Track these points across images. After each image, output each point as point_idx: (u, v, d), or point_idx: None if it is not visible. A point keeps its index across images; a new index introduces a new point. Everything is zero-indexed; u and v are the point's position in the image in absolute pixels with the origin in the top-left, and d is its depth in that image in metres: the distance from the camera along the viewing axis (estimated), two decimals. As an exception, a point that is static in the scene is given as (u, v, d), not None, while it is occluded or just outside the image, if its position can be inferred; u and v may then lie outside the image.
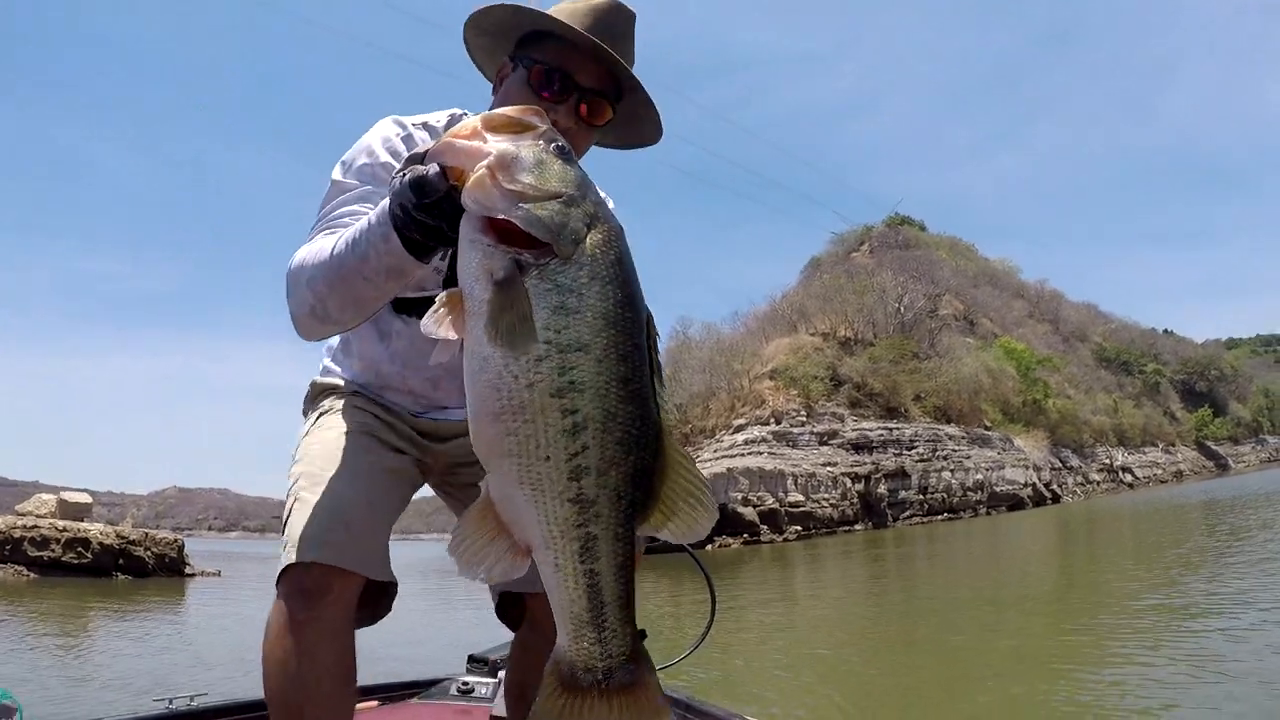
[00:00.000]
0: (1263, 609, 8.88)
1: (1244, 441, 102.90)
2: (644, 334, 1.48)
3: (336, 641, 2.04)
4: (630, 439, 1.41)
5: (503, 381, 1.37)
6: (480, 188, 1.41)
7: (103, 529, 26.36)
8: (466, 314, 1.42)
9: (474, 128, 1.51)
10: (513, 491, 1.41)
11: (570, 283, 1.41)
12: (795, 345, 57.52)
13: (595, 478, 1.39)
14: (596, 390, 1.39)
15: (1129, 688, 6.44)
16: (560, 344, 1.38)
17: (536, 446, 1.38)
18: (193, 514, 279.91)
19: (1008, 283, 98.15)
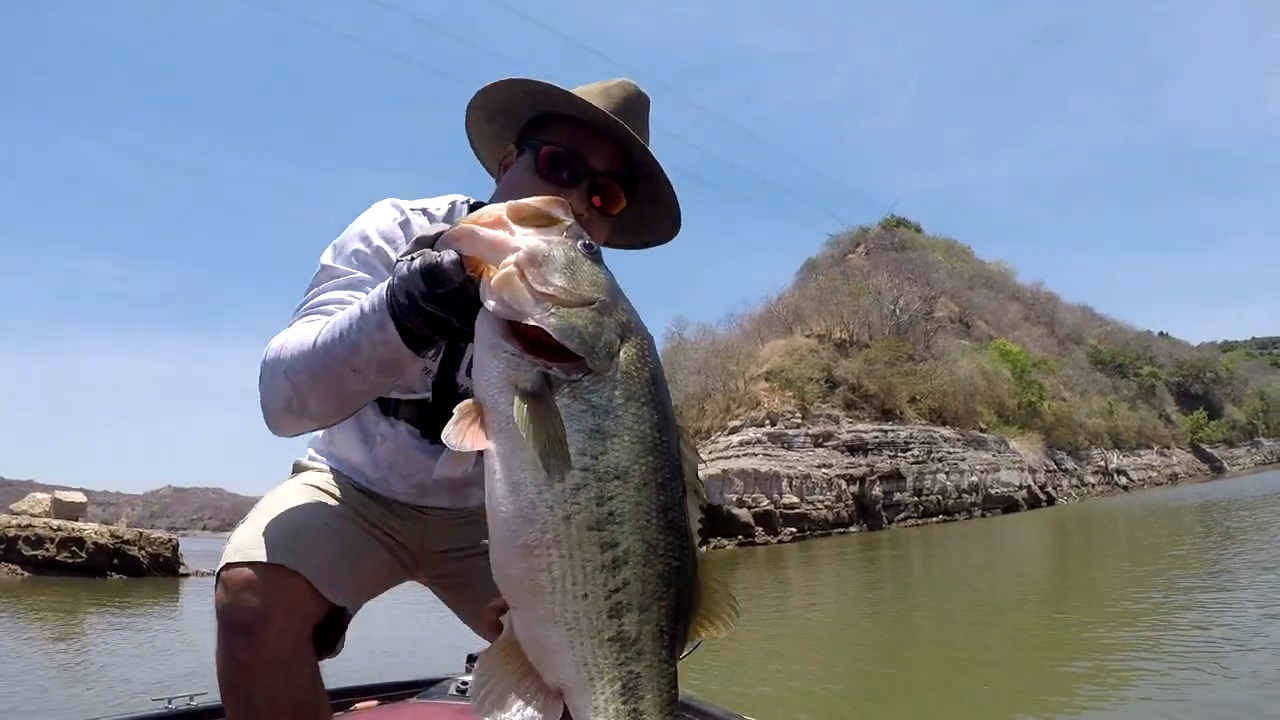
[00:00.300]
0: (1261, 610, 8.91)
1: (1239, 444, 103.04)
2: (679, 457, 1.38)
3: (286, 674, 1.88)
4: (672, 571, 1.33)
5: (536, 512, 1.27)
6: (508, 286, 1.31)
7: (97, 528, 26.33)
8: (489, 429, 1.32)
9: (498, 216, 1.40)
10: (544, 631, 1.30)
11: (605, 403, 1.32)
12: (790, 347, 57.54)
13: (638, 614, 1.30)
14: (637, 521, 1.30)
15: (1127, 688, 6.46)
16: (598, 471, 1.28)
17: (574, 583, 1.28)
18: (187, 514, 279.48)
19: (1003, 285, 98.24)
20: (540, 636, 1.31)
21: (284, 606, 1.86)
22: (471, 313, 1.43)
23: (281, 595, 1.86)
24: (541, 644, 1.31)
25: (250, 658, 1.82)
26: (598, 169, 2.17)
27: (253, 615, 1.82)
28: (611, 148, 2.18)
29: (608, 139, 2.16)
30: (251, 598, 1.83)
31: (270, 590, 1.85)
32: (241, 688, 1.85)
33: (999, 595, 14.25)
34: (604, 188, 2.19)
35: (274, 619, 1.83)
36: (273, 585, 1.85)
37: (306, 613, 1.92)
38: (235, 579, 1.86)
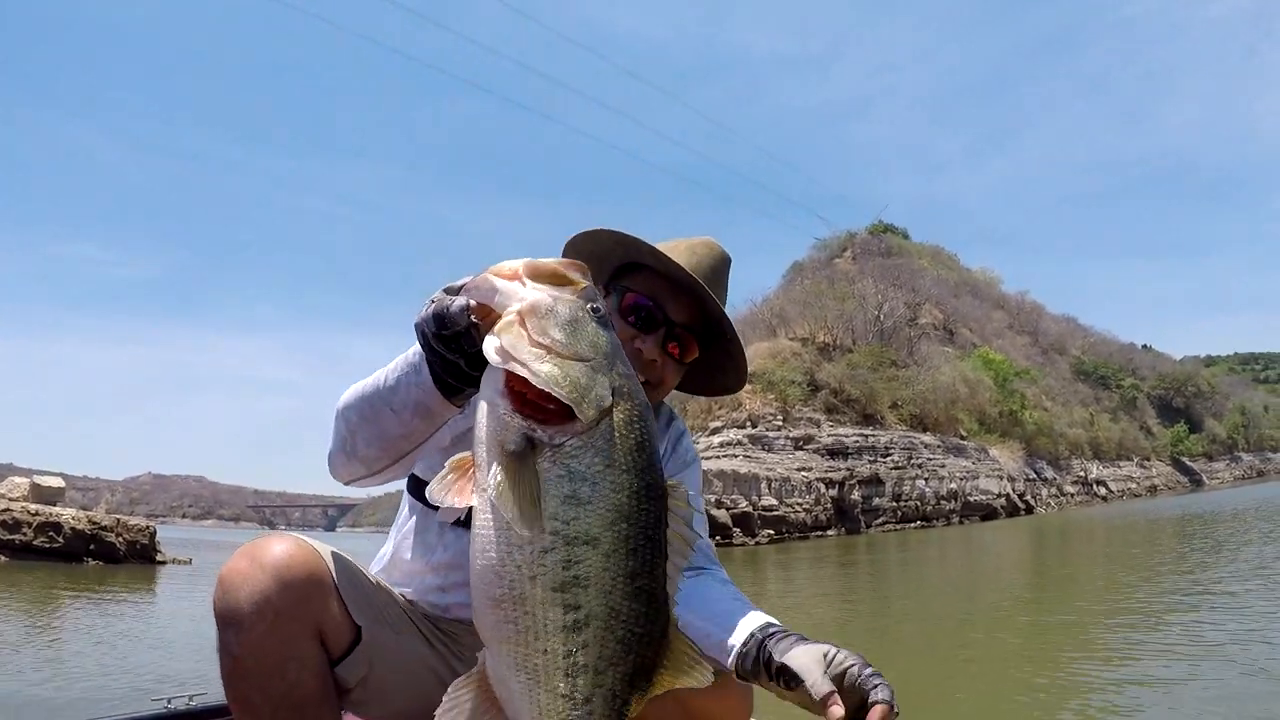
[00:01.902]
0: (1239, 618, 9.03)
1: (1219, 458, 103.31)
2: (660, 524, 1.40)
3: (281, 676, 1.90)
4: (633, 638, 1.36)
5: (505, 569, 1.32)
6: (507, 331, 1.35)
7: (75, 514, 26.14)
8: (476, 486, 1.37)
9: (515, 270, 1.43)
10: (508, 676, 1.37)
11: (585, 470, 1.33)
12: (774, 350, 57.49)
13: (592, 676, 1.34)
14: (602, 587, 1.33)
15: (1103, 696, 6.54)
16: (568, 536, 1.31)
17: (535, 638, 1.33)
18: (168, 501, 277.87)
19: (988, 293, 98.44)
20: (505, 680, 1.38)
21: (279, 604, 1.88)
22: (479, 359, 1.46)
23: (279, 594, 1.89)
24: (505, 687, 1.38)
25: (243, 653, 1.86)
26: (675, 320, 2.33)
27: (246, 609, 1.86)
28: (689, 301, 2.33)
29: (686, 293, 2.32)
30: (246, 591, 1.87)
31: (268, 586, 1.88)
32: (238, 685, 1.90)
33: (976, 599, 14.33)
34: (679, 337, 2.34)
35: (265, 615, 1.86)
36: (271, 582, 1.89)
37: (306, 613, 1.95)
38: (232, 573, 1.90)
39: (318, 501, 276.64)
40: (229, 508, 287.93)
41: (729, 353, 2.47)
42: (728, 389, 2.62)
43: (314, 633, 1.96)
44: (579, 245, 2.41)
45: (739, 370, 2.52)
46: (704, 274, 2.31)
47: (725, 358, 2.49)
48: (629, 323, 2.30)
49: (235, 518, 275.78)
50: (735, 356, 2.48)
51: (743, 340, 2.46)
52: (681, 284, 2.30)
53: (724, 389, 2.62)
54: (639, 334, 2.29)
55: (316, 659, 1.97)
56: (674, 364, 2.36)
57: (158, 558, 27.31)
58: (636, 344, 2.28)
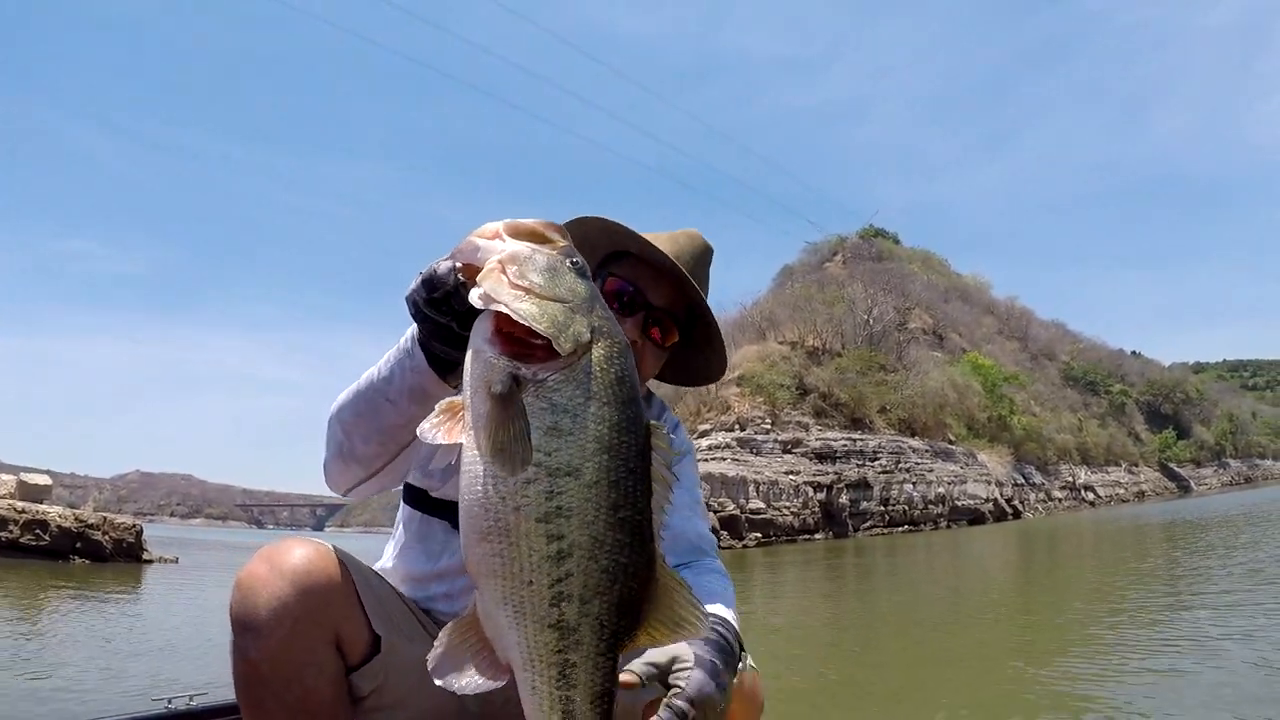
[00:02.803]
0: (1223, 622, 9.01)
1: (1206, 464, 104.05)
2: (643, 457, 1.42)
3: (299, 682, 1.90)
4: (617, 567, 1.38)
5: (490, 502, 1.34)
6: (489, 277, 1.40)
7: (61, 512, 26.08)
8: (465, 426, 1.39)
9: (496, 230, 1.49)
10: (495, 611, 1.38)
11: (566, 402, 1.37)
12: (763, 353, 57.58)
13: (578, 605, 1.36)
14: (584, 517, 1.35)
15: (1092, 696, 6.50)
16: (550, 467, 1.34)
17: (520, 570, 1.35)
18: (155, 499, 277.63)
19: (978, 299, 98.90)
20: (493, 615, 1.38)
21: (299, 610, 1.87)
22: (469, 318, 1.49)
23: (299, 600, 1.88)
24: (494, 622, 1.39)
25: (260, 658, 1.84)
26: (655, 304, 2.39)
27: (265, 614, 1.84)
28: (669, 288, 2.41)
29: (667, 279, 2.40)
30: (266, 596, 1.85)
31: (286, 593, 1.87)
32: (253, 690, 1.88)
33: (963, 601, 14.31)
34: (660, 321, 2.40)
35: (284, 621, 1.85)
36: (290, 588, 1.87)
37: (326, 620, 1.93)
38: (252, 577, 1.88)
39: (306, 501, 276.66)
40: (217, 506, 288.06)
41: (709, 340, 2.53)
42: (709, 377, 2.67)
43: (332, 640, 1.95)
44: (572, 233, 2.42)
45: (719, 358, 2.58)
46: (685, 262, 2.38)
47: (705, 345, 2.55)
48: (611, 307, 2.23)
49: (223, 517, 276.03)
50: (715, 344, 2.53)
51: (732, 343, 2.46)
52: (663, 270, 2.38)
53: (705, 377, 2.67)
54: (620, 316, 2.28)
55: (333, 666, 1.96)
56: (654, 347, 2.40)
57: (144, 556, 27.24)
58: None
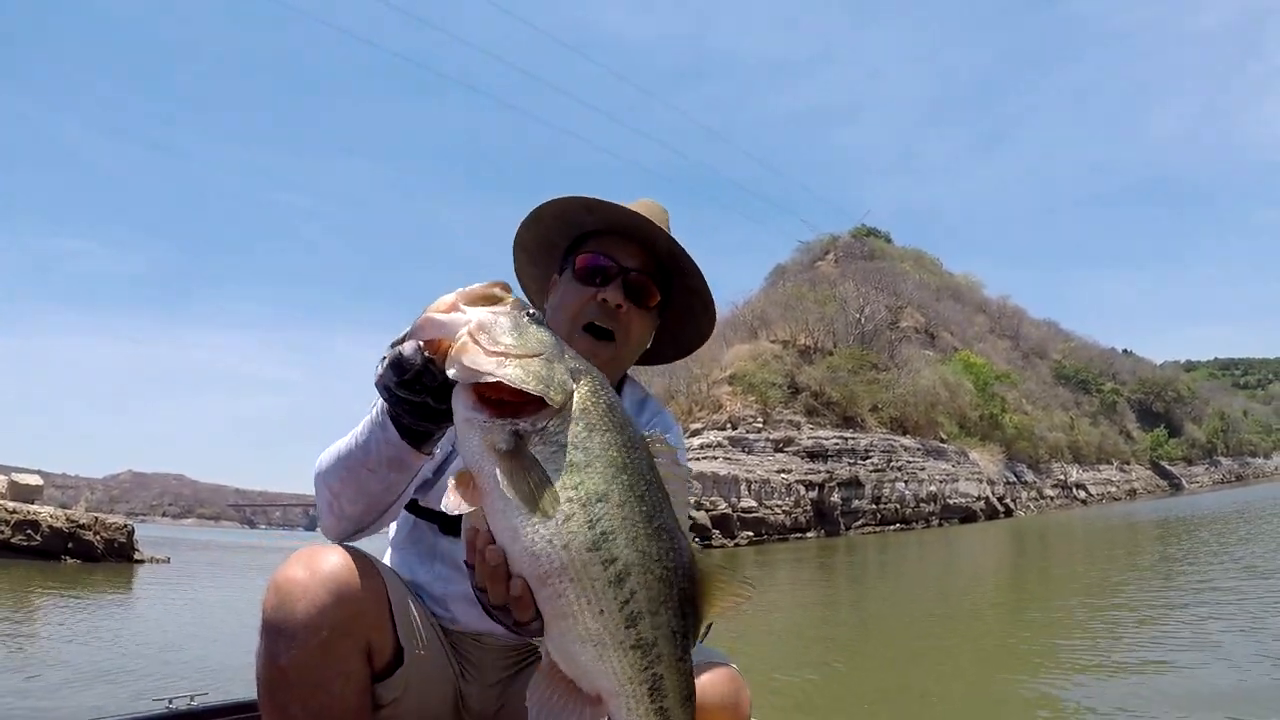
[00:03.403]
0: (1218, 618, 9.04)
1: (1198, 462, 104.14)
2: (653, 468, 1.49)
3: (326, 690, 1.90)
4: (669, 573, 1.43)
5: (537, 548, 1.38)
6: (465, 352, 1.42)
7: (53, 512, 25.97)
8: (481, 492, 1.42)
9: (450, 302, 1.51)
10: (576, 650, 1.42)
11: (573, 439, 1.42)
12: (755, 352, 57.51)
13: (649, 620, 1.41)
14: (628, 534, 1.41)
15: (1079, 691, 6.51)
16: (580, 499, 1.39)
17: (589, 602, 1.39)
18: (148, 499, 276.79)
19: (970, 297, 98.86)
20: (574, 655, 1.43)
21: (336, 618, 1.88)
22: (442, 391, 1.58)
23: (337, 608, 1.88)
24: (576, 662, 1.43)
25: (290, 665, 1.84)
26: (629, 265, 2.38)
27: (301, 621, 1.84)
28: (637, 247, 2.41)
29: (633, 240, 2.41)
30: (304, 603, 1.86)
31: (325, 600, 1.87)
32: (279, 695, 1.87)
33: (955, 599, 14.35)
34: (635, 282, 2.39)
35: (323, 628, 1.86)
36: (328, 596, 1.88)
37: (360, 629, 1.94)
38: (289, 582, 1.89)
39: (299, 501, 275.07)
40: (210, 507, 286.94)
41: (694, 289, 2.51)
42: (702, 335, 2.66)
43: (364, 649, 1.97)
44: (526, 242, 2.57)
45: (709, 310, 2.57)
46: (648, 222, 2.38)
47: (692, 296, 2.53)
48: (587, 283, 2.36)
49: (216, 516, 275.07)
50: (701, 294, 2.51)
51: (724, 342, 2.47)
52: (628, 232, 2.39)
53: (698, 335, 2.67)
54: (599, 288, 2.34)
55: (362, 675, 1.98)
56: (638, 311, 2.39)
57: (135, 556, 27.13)
58: (600, 296, 2.34)
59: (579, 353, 2.14)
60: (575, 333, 2.36)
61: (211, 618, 13.25)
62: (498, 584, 1.45)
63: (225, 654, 9.44)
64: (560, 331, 2.28)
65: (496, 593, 1.46)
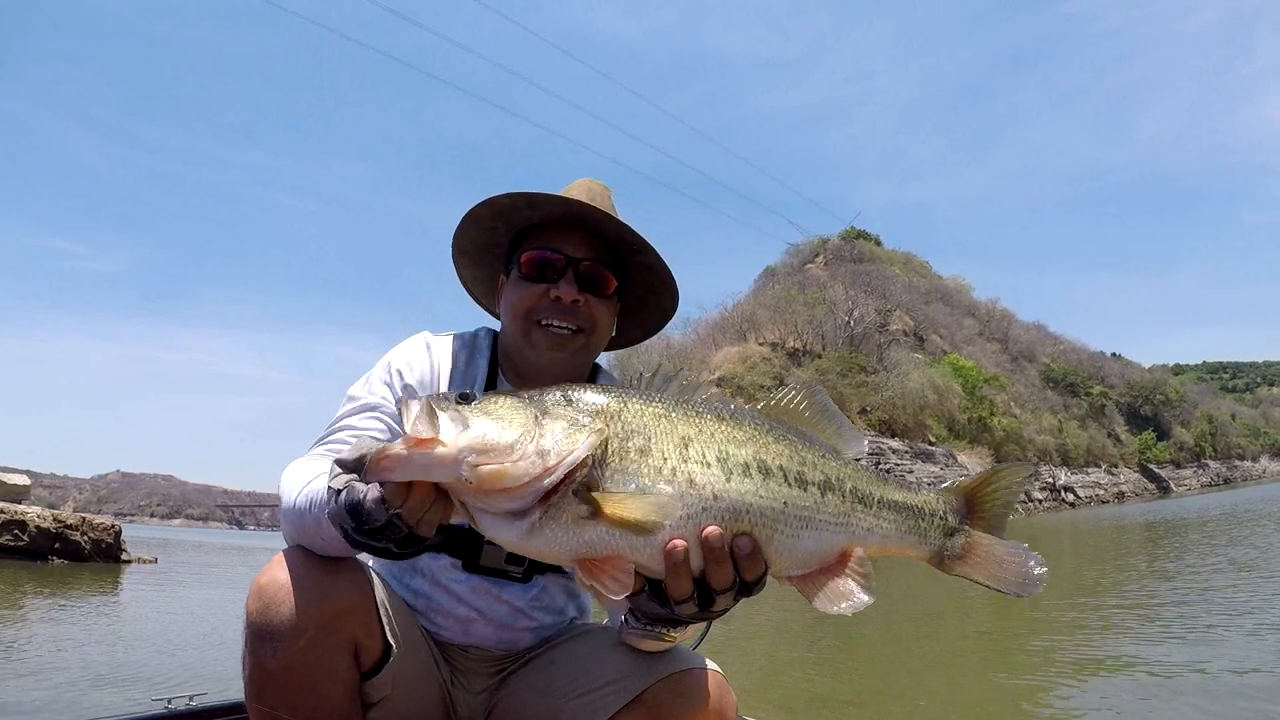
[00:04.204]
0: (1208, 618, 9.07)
1: (1186, 465, 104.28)
2: (700, 397, 1.63)
3: (315, 691, 1.90)
4: (787, 435, 1.65)
5: (706, 512, 1.48)
6: (497, 481, 1.35)
7: (40, 512, 25.90)
8: (613, 558, 1.44)
9: (399, 452, 1.36)
10: (798, 547, 1.58)
11: (626, 441, 1.47)
12: (744, 354, 57.73)
13: (815, 469, 1.64)
14: (733, 444, 1.55)
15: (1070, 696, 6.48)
16: (676, 461, 1.49)
17: (768, 509, 1.54)
18: (136, 500, 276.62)
19: (959, 300, 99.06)
20: (799, 550, 1.60)
21: (321, 619, 1.85)
22: (406, 542, 1.50)
23: (321, 608, 1.85)
24: (806, 551, 1.61)
25: (277, 667, 1.82)
26: (577, 256, 2.30)
27: (286, 624, 1.81)
28: (583, 235, 2.33)
29: (577, 229, 2.33)
30: (288, 606, 1.82)
31: (310, 602, 1.84)
32: (267, 698, 1.85)
33: (941, 603, 14.31)
34: (588, 271, 2.31)
35: (308, 630, 1.82)
36: (313, 597, 1.85)
37: (345, 629, 1.92)
38: (272, 584, 1.85)
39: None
40: (198, 507, 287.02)
41: (651, 266, 2.42)
42: (665, 311, 2.59)
43: (350, 649, 1.94)
44: (465, 245, 2.50)
45: (669, 285, 2.48)
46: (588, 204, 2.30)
47: (650, 273, 2.45)
48: (537, 279, 2.29)
49: (204, 517, 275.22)
50: (657, 270, 2.43)
51: (713, 344, 2.42)
52: (569, 220, 2.32)
53: (662, 312, 2.59)
54: (550, 284, 2.28)
55: (349, 676, 1.96)
56: (598, 301, 2.33)
57: (123, 557, 27.08)
58: (553, 294, 2.27)
59: (539, 350, 2.31)
60: (531, 330, 2.30)
61: (200, 618, 13.14)
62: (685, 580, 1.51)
63: (217, 655, 9.37)
64: (514, 332, 2.35)
65: (722, 576, 1.52)
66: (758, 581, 1.57)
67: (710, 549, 1.48)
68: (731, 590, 1.55)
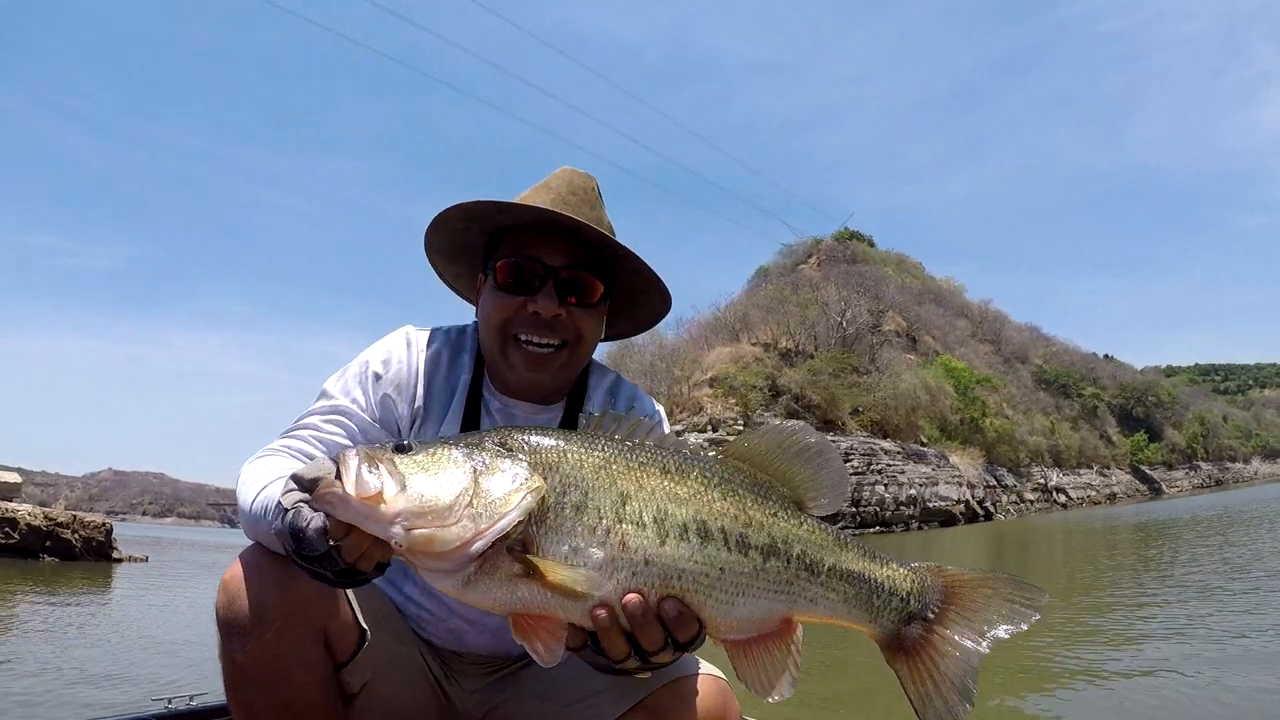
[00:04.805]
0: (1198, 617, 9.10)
1: (1178, 467, 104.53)
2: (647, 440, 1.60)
3: (288, 681, 1.90)
4: (733, 489, 1.59)
5: (638, 578, 1.47)
6: (429, 545, 1.35)
7: (31, 510, 25.87)
8: (543, 617, 1.45)
9: (343, 490, 1.36)
10: (731, 610, 1.54)
11: (560, 497, 1.46)
12: (736, 354, 57.66)
13: (759, 533, 1.57)
14: (672, 501, 1.52)
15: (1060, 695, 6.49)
16: (612, 520, 1.46)
17: (704, 572, 1.51)
18: (128, 498, 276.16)
19: (952, 301, 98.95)
20: (736, 614, 1.55)
21: (285, 609, 1.84)
22: (344, 574, 1.50)
23: (284, 599, 1.85)
24: (740, 617, 1.56)
25: (247, 660, 1.83)
26: (555, 265, 2.15)
27: (251, 616, 1.81)
28: (562, 242, 2.17)
29: (555, 233, 2.16)
30: (251, 598, 1.82)
31: (270, 592, 1.84)
32: (242, 691, 1.87)
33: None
34: (570, 281, 2.17)
35: (273, 620, 1.82)
36: (274, 587, 1.84)
37: (312, 618, 1.91)
38: (235, 579, 1.86)
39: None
40: (190, 505, 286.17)
41: (637, 270, 2.28)
42: (655, 312, 2.49)
43: (320, 637, 1.93)
44: (438, 245, 2.37)
45: (657, 288, 2.35)
46: (568, 207, 2.16)
47: (636, 276, 2.32)
48: (514, 291, 2.16)
49: (196, 516, 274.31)
50: (644, 273, 2.29)
51: (705, 344, 2.37)
52: (546, 225, 2.15)
53: (652, 313, 2.49)
54: (527, 297, 2.14)
55: (322, 664, 1.95)
56: (583, 311, 2.20)
57: (114, 555, 27.03)
58: (531, 308, 2.14)
59: (518, 370, 2.22)
60: (508, 347, 2.20)
61: (187, 617, 13.12)
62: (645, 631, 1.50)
63: (203, 655, 9.35)
64: (491, 346, 2.23)
65: (651, 638, 1.51)
66: (691, 641, 1.55)
67: (632, 617, 1.47)
68: (666, 649, 1.54)
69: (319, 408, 2.20)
